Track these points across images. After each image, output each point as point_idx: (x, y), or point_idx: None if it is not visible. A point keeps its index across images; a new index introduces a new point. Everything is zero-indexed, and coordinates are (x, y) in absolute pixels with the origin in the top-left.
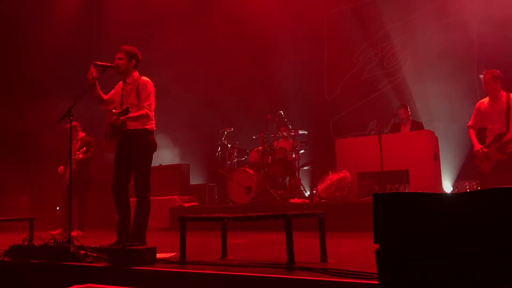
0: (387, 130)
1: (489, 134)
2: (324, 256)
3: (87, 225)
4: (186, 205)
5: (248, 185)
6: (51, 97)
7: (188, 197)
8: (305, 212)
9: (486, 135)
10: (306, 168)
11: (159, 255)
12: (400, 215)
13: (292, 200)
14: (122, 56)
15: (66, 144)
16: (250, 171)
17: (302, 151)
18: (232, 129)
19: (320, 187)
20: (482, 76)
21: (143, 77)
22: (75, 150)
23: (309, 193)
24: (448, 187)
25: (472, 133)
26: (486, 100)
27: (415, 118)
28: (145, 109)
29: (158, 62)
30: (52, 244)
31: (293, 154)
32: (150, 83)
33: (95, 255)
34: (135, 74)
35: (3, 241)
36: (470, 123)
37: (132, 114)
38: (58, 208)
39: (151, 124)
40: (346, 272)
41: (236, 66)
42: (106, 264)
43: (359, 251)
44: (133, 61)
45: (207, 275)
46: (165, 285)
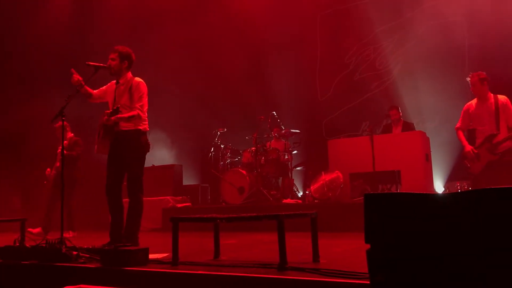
0: (379, 131)
1: (479, 135)
2: (316, 256)
3: (80, 225)
4: (179, 205)
5: (241, 185)
6: (42, 97)
7: (181, 197)
8: (298, 212)
9: (476, 136)
10: (299, 168)
11: (151, 256)
12: (391, 216)
13: (285, 201)
14: (115, 57)
15: (54, 144)
16: (243, 171)
17: (294, 152)
18: (225, 129)
19: (312, 188)
20: (468, 79)
21: (136, 78)
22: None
23: (301, 193)
24: (439, 187)
25: (461, 135)
26: (474, 102)
27: (406, 119)
28: (137, 110)
29: (151, 62)
30: (44, 245)
31: (286, 154)
32: (143, 84)
33: (88, 255)
34: (128, 75)
35: None
36: (458, 125)
37: (124, 115)
38: None
39: (144, 125)
40: (338, 272)
41: (229, 67)
42: (98, 264)
43: (351, 251)
44: (126, 62)
45: (200, 275)
46: (158, 285)
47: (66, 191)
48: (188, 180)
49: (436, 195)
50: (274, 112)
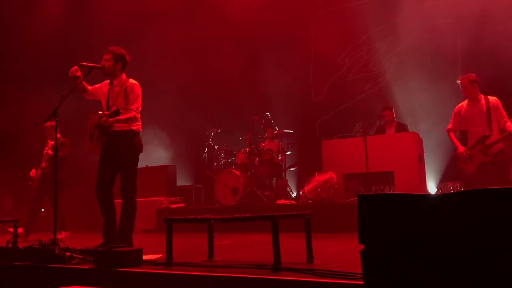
0: (373, 132)
1: (472, 136)
2: (310, 257)
3: (73, 226)
4: (172, 206)
5: (235, 186)
6: (35, 96)
7: (174, 198)
8: (292, 213)
9: (468, 137)
10: (292, 169)
11: (145, 257)
12: (385, 216)
13: (278, 201)
14: (109, 58)
15: (42, 144)
16: (237, 172)
17: (288, 152)
18: (219, 130)
19: (306, 188)
20: (459, 81)
21: (130, 80)
22: (48, 149)
23: (295, 194)
24: (432, 188)
25: (453, 136)
26: (465, 103)
27: (400, 120)
28: (133, 112)
29: (145, 63)
30: (37, 246)
31: (280, 155)
32: (138, 86)
33: (81, 257)
34: (123, 77)
35: None
36: (449, 126)
37: (121, 117)
38: (43, 210)
39: (137, 125)
40: (331, 273)
41: (223, 68)
42: (92, 266)
43: (345, 251)
44: (120, 63)
45: (194, 276)
46: (152, 286)
47: (52, 193)
48: (182, 180)
49: (429, 195)
50: (268, 113)
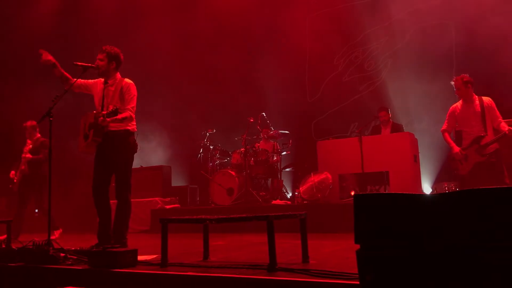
0: (368, 132)
1: (466, 137)
2: (306, 257)
3: (68, 227)
4: (167, 207)
5: (230, 186)
6: (28, 96)
7: (169, 198)
8: (287, 213)
9: (463, 138)
10: (288, 169)
11: (140, 257)
12: (380, 216)
13: (274, 202)
14: (103, 57)
15: (24, 144)
16: (232, 172)
17: (284, 153)
18: (214, 130)
19: (302, 189)
20: (453, 82)
21: (126, 79)
22: (27, 150)
23: (291, 194)
24: (427, 188)
25: (447, 137)
26: (459, 104)
27: (395, 120)
28: (129, 112)
29: (140, 62)
30: (31, 247)
31: (275, 155)
32: (134, 86)
33: (75, 257)
34: (117, 76)
35: None
36: (444, 127)
37: (118, 116)
38: (36, 211)
39: (132, 126)
40: (327, 273)
41: (219, 68)
42: (86, 266)
43: (341, 251)
44: (114, 62)
45: (189, 277)
46: (147, 287)
47: (36, 193)
48: (177, 181)
49: (424, 195)
50: (263, 113)
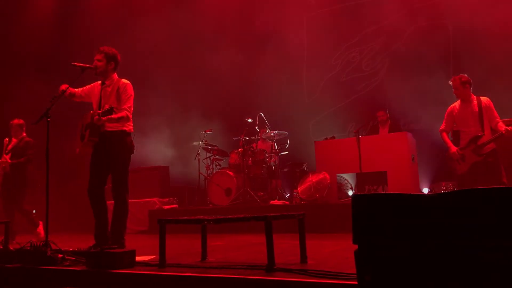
0: (366, 132)
1: (464, 137)
2: (304, 257)
3: (64, 228)
4: (165, 207)
5: (228, 187)
6: (24, 96)
7: (167, 199)
8: (285, 213)
9: (461, 137)
10: (286, 169)
11: (138, 258)
12: (378, 216)
13: (272, 202)
14: (101, 58)
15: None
16: (230, 173)
17: (282, 153)
18: (212, 130)
19: (300, 189)
20: (451, 82)
21: (123, 80)
22: (9, 149)
23: (289, 194)
24: (425, 188)
25: (445, 136)
26: (457, 104)
27: (393, 120)
28: (126, 111)
29: (137, 61)
30: (29, 248)
31: (273, 156)
32: (130, 86)
33: (73, 258)
34: (115, 76)
35: None
36: (442, 127)
37: (113, 116)
38: (34, 211)
39: (129, 126)
40: (325, 273)
41: (216, 68)
42: (84, 267)
43: (339, 251)
44: (112, 63)
45: (187, 277)
46: None
47: (16, 196)
48: (175, 181)
49: (422, 195)
50: (261, 113)
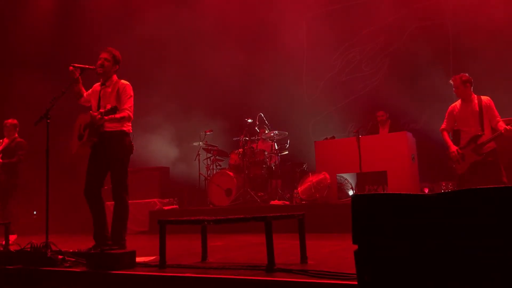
0: (366, 132)
1: (464, 136)
2: (304, 257)
3: (62, 228)
4: (165, 208)
5: (228, 187)
6: (22, 95)
7: (168, 200)
8: (285, 213)
9: (461, 137)
10: (285, 170)
11: (138, 259)
12: (378, 216)
13: (272, 202)
14: (110, 58)
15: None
16: (230, 173)
17: (282, 153)
18: (212, 131)
19: (300, 189)
20: (451, 81)
21: (122, 81)
22: (1, 149)
23: (289, 194)
24: (425, 188)
25: (446, 136)
26: (458, 103)
27: (393, 120)
28: (127, 112)
29: (136, 61)
30: (29, 249)
31: (273, 156)
32: (130, 86)
33: (73, 259)
34: (114, 78)
35: None
36: (443, 126)
37: (115, 115)
38: (35, 213)
39: (128, 126)
40: (325, 273)
41: (216, 68)
42: (84, 268)
43: (339, 251)
44: (117, 66)
45: (188, 278)
46: None
47: (6, 197)
48: (175, 182)
49: (422, 195)
50: (261, 114)
